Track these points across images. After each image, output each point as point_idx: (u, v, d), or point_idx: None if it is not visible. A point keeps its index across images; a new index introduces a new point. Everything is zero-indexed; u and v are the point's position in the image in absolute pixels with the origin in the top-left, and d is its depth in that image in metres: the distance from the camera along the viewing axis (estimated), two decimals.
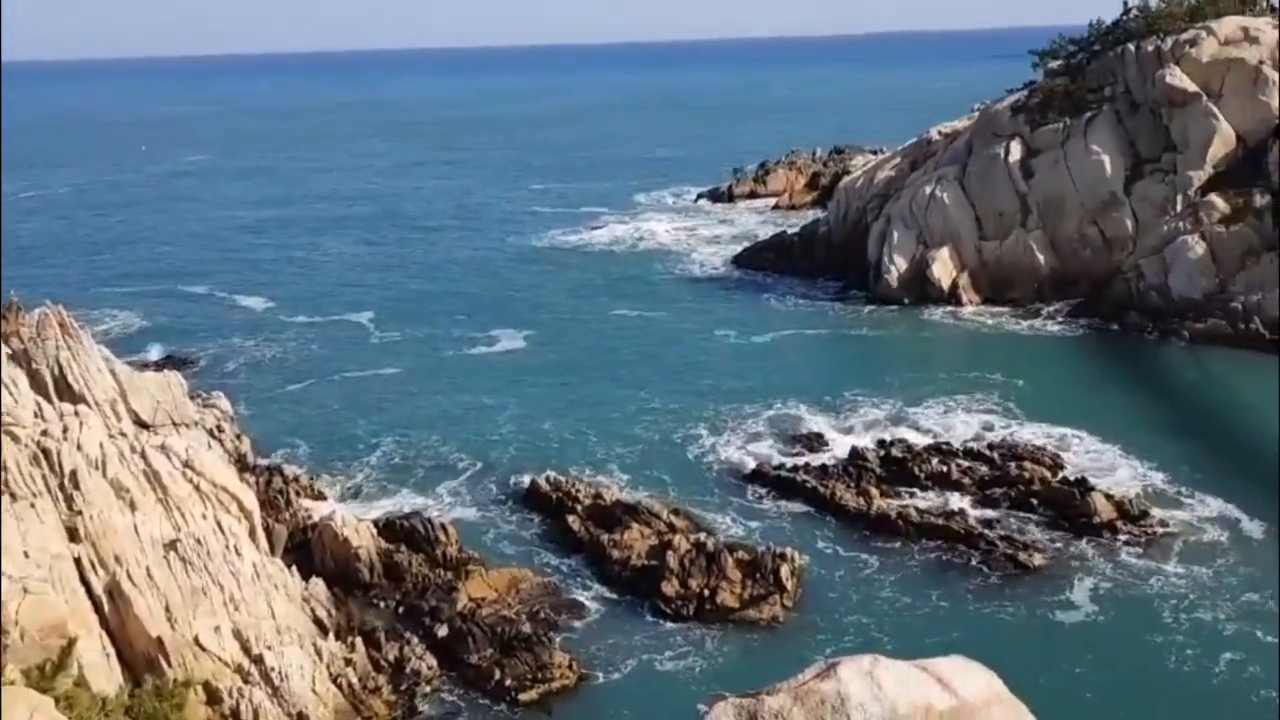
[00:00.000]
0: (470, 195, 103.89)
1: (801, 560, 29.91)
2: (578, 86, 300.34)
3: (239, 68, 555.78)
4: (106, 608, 22.47)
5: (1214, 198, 53.31)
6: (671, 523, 32.15)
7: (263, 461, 37.61)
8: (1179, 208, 53.91)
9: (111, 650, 22.03)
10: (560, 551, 32.00)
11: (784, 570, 28.78)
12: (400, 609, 28.69)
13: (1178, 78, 55.58)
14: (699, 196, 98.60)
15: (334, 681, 24.41)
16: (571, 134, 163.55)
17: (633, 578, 29.87)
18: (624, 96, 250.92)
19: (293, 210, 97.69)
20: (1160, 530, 31.41)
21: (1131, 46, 58.61)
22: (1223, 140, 54.34)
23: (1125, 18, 61.74)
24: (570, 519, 33.10)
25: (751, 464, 37.57)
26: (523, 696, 25.05)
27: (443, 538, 31.38)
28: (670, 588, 28.78)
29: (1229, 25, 57.58)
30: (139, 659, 22.30)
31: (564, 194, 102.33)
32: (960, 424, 40.55)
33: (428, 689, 25.54)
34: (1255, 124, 54.49)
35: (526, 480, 36.14)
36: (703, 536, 31.07)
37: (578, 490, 34.46)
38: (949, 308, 56.19)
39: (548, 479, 35.73)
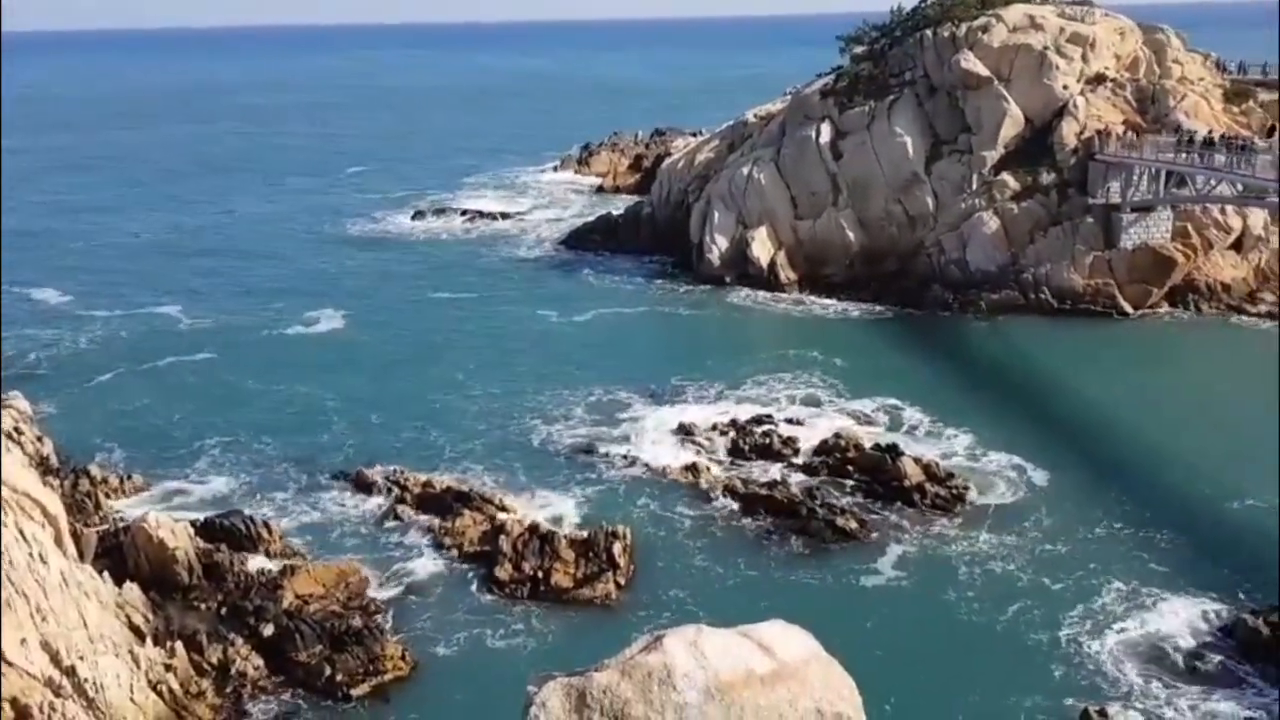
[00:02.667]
0: (284, 180, 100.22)
1: (634, 537, 30.53)
2: (398, 68, 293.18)
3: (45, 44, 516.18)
4: None
5: (1006, 176, 56.87)
6: (504, 506, 32.22)
7: (69, 463, 35.51)
8: (974, 186, 57.25)
9: None
10: (390, 542, 31.58)
11: (616, 548, 29.29)
12: (223, 610, 27.73)
13: (971, 63, 58.86)
14: (523, 179, 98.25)
15: (154, 688, 23.44)
16: (392, 118, 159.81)
17: (466, 564, 29.83)
18: (445, 79, 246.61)
19: (85, 196, 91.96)
20: (964, 490, 33.51)
21: (929, 33, 61.62)
22: (1013, 122, 57.93)
23: (923, 5, 64.81)
24: (400, 508, 32.71)
25: (581, 444, 37.95)
26: (355, 691, 24.69)
27: (265, 535, 30.48)
28: (504, 572, 28.89)
29: (1016, 13, 61.29)
30: None
31: (385, 179, 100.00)
32: (783, 398, 42.09)
33: (255, 690, 24.85)
34: (1041, 106, 58.34)
35: (351, 470, 35.43)
36: (536, 519, 31.29)
37: (406, 479, 34.05)
38: (764, 288, 57.90)
39: (374, 468, 35.15)
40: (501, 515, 31.52)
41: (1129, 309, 51.79)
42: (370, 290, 59.98)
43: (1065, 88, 58.34)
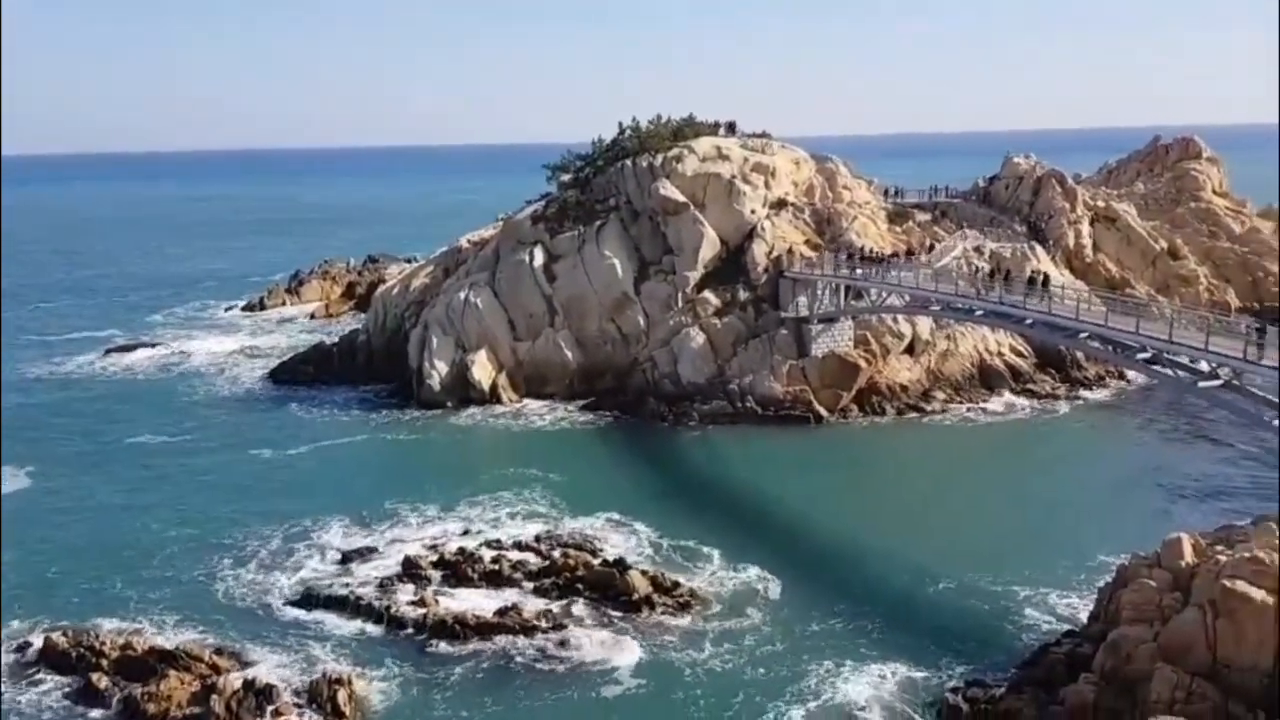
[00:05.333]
0: None
1: (361, 682, 29.22)
2: (87, 198, 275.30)
3: None
4: None
5: (707, 294, 60.63)
6: (215, 664, 29.93)
7: None
8: (680, 304, 60.61)
9: None
10: (86, 715, 28.52)
11: (341, 696, 27.89)
12: None
13: (669, 190, 62.88)
14: (228, 311, 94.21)
15: None
16: (81, 248, 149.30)
17: None
18: (137, 209, 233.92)
19: None
20: (690, 598, 34.56)
21: (629, 163, 65.45)
22: (710, 244, 62.12)
23: (622, 137, 68.83)
24: (95, 676, 29.66)
25: (298, 588, 36.04)
26: None
27: None
28: None
29: (706, 145, 66.31)
30: None
31: (72, 314, 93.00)
32: (506, 520, 41.98)
33: None
34: (733, 229, 62.99)
35: (38, 640, 31.87)
36: (251, 674, 29.29)
37: (102, 643, 31.00)
38: (487, 408, 58.23)
39: (63, 634, 31.79)
40: (212, 673, 29.27)
41: (824, 413, 55.86)
42: (57, 440, 54.90)
43: (753, 212, 63.38)
